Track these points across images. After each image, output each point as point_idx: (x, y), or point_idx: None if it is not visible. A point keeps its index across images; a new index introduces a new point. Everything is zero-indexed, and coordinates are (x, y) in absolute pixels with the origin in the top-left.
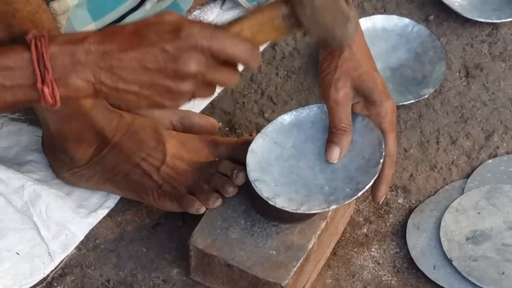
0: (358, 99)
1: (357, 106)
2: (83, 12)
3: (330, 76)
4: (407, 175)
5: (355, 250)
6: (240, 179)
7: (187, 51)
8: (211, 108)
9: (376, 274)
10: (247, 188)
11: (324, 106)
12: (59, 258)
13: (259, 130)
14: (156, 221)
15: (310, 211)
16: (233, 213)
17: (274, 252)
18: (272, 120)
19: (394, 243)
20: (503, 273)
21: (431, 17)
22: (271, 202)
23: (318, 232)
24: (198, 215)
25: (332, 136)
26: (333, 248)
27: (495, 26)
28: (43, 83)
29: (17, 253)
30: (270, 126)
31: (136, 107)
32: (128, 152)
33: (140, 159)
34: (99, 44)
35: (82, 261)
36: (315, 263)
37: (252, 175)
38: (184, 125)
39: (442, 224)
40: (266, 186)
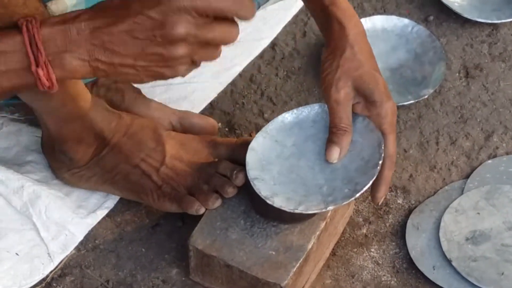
0: (359, 99)
1: (357, 106)
2: None
3: (331, 76)
4: (407, 175)
5: (355, 250)
6: (239, 180)
7: (172, 14)
8: (210, 109)
9: (375, 274)
10: (247, 189)
11: (326, 105)
12: (58, 258)
13: (258, 130)
14: (155, 221)
15: (307, 211)
16: (232, 213)
17: (274, 253)
18: (273, 119)
19: (393, 244)
20: (502, 273)
21: (431, 17)
22: (269, 201)
23: (318, 233)
24: (198, 215)
25: (332, 136)
26: (332, 249)
27: (495, 26)
28: (37, 65)
29: (16, 253)
30: (271, 125)
31: (139, 80)
32: (127, 153)
33: (140, 160)
34: (89, 20)
35: (81, 261)
36: (314, 263)
37: (252, 173)
38: (183, 125)
39: (442, 224)
40: (265, 185)
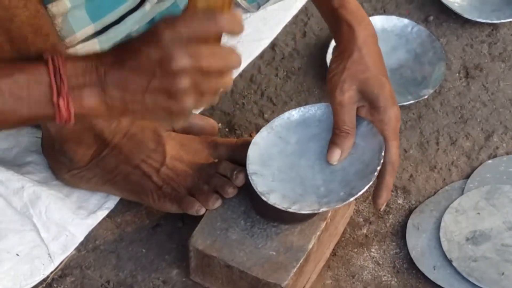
0: (363, 103)
1: (362, 110)
2: (81, 13)
3: (337, 78)
4: (407, 175)
5: (355, 250)
6: (240, 180)
7: (168, 48)
8: (210, 109)
9: (376, 274)
10: (247, 189)
11: None
12: (58, 259)
13: (258, 130)
14: (155, 222)
15: (300, 211)
16: (233, 214)
17: (274, 253)
18: (280, 115)
19: (394, 244)
20: (502, 273)
21: (431, 17)
22: (264, 198)
23: (318, 233)
24: (198, 216)
25: (334, 137)
26: (333, 249)
27: (494, 26)
28: (59, 96)
29: (17, 254)
30: (277, 120)
31: (153, 118)
32: (127, 154)
33: (140, 160)
34: (106, 58)
35: (81, 262)
36: (315, 263)
37: (251, 168)
38: (183, 126)
39: (442, 224)
40: (262, 181)
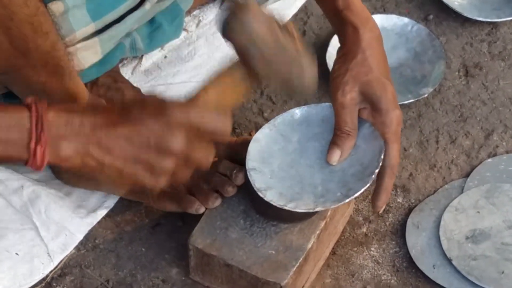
0: (365, 105)
1: (364, 112)
2: (82, 12)
3: (340, 79)
4: (407, 174)
5: (355, 249)
6: (239, 179)
7: (170, 128)
8: None
9: (375, 273)
10: (247, 188)
11: None
12: (58, 258)
13: (258, 129)
14: (155, 221)
15: (295, 209)
16: (232, 213)
17: (274, 252)
18: (282, 112)
19: (393, 243)
20: (502, 272)
21: (431, 16)
22: (260, 194)
23: (317, 232)
24: (198, 215)
25: (335, 138)
26: (332, 248)
27: (494, 25)
28: (37, 143)
29: (16, 253)
30: (279, 118)
31: (116, 184)
32: None
33: None
34: (92, 117)
35: (81, 261)
36: (314, 262)
37: (250, 164)
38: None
39: (442, 223)
40: (261, 177)
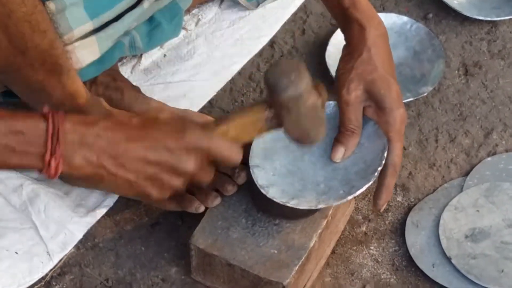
0: (370, 103)
1: (368, 110)
2: (79, 10)
3: (345, 77)
4: (406, 173)
5: (354, 248)
6: (241, 178)
7: (189, 150)
8: (209, 107)
9: (375, 272)
10: (248, 187)
11: None
12: (57, 257)
13: None
14: (155, 220)
15: (297, 206)
16: (234, 212)
17: (276, 251)
18: None
19: (393, 241)
20: (502, 271)
21: (430, 15)
22: (263, 191)
23: (319, 231)
24: (197, 214)
25: (339, 135)
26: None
27: (494, 24)
28: (52, 155)
29: (15, 252)
30: None
31: (124, 194)
32: None
33: None
34: (108, 131)
35: (80, 260)
36: (316, 261)
37: (253, 161)
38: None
39: (441, 222)
40: (264, 174)
